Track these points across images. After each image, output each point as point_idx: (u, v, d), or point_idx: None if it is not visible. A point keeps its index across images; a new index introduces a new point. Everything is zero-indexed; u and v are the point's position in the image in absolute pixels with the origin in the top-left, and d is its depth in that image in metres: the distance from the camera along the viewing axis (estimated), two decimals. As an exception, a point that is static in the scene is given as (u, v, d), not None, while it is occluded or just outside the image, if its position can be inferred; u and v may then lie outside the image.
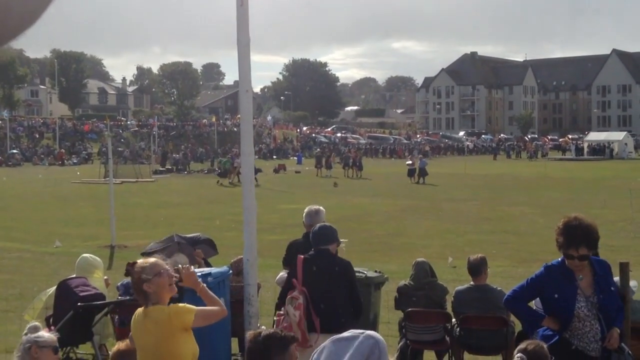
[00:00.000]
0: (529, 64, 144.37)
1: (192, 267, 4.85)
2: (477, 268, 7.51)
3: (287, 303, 6.26)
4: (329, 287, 6.22)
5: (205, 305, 4.71)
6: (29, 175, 49.60)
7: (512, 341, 7.16)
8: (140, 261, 4.56)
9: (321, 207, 7.55)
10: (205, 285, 4.90)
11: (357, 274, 8.13)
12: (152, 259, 4.59)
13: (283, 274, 8.75)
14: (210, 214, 25.12)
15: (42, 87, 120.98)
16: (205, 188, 38.06)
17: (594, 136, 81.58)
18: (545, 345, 4.08)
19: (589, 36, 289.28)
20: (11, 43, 1.03)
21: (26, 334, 4.69)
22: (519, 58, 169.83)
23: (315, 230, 6.49)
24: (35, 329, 4.68)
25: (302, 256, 6.40)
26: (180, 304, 4.60)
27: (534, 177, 43.08)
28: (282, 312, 6.34)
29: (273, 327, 6.23)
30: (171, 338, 4.46)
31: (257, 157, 49.30)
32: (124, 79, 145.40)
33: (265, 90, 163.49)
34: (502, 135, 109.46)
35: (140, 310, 4.57)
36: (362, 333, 2.51)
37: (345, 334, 2.55)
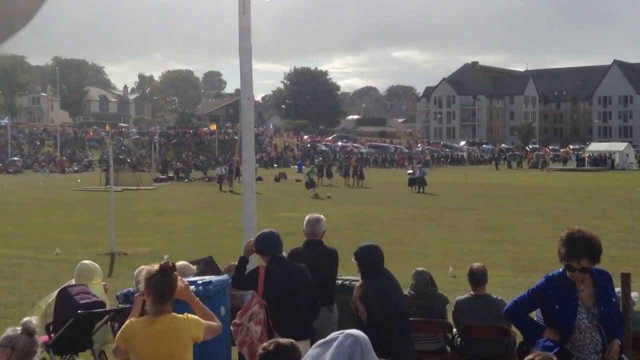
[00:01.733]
0: (530, 74, 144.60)
1: (183, 280, 4.80)
2: (481, 277, 7.47)
3: (247, 319, 6.21)
4: (290, 295, 6.22)
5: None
6: (30, 182, 49.62)
7: (513, 351, 7.14)
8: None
9: (322, 216, 7.53)
10: (199, 299, 4.85)
11: (357, 283, 8.11)
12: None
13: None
14: (208, 222, 25.12)
15: (44, 94, 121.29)
16: (205, 196, 38.06)
17: (595, 147, 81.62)
18: (554, 358, 4.04)
19: (590, 47, 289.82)
20: (4, 45, 1.01)
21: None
22: (521, 68, 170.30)
23: (263, 240, 6.41)
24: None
25: (263, 267, 6.35)
26: (194, 316, 4.56)
27: (534, 187, 43.06)
28: (238, 322, 6.25)
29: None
30: (186, 347, 4.43)
31: (257, 165, 49.38)
32: (125, 87, 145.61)
33: (267, 98, 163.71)
34: (502, 145, 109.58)
35: (145, 319, 4.45)
36: (341, 333, 2.51)
37: (328, 337, 2.55)
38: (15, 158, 70.65)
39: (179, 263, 8.26)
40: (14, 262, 17.16)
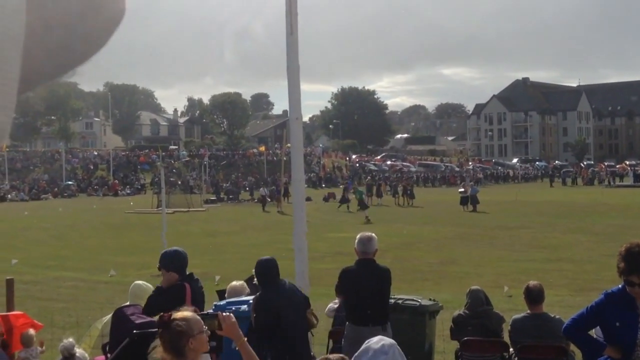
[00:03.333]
0: (582, 89, 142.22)
1: (233, 316, 4.60)
2: (538, 295, 7.29)
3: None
4: (202, 308, 6.52)
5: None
6: (84, 205, 50.63)
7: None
8: (179, 315, 4.21)
9: (373, 234, 7.49)
10: (246, 339, 4.67)
11: (410, 302, 8.02)
12: (189, 313, 4.28)
13: (332, 305, 8.68)
14: (259, 242, 25.21)
15: (97, 119, 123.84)
16: (254, 216, 38.29)
17: (652, 161, 79.74)
18: None
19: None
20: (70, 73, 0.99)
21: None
22: (573, 83, 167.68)
23: (176, 257, 7.07)
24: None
25: (187, 284, 6.75)
26: None
27: (589, 204, 42.17)
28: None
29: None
30: None
31: (306, 185, 49.47)
32: (175, 110, 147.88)
33: (314, 119, 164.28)
34: (556, 161, 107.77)
35: None
36: (380, 344, 2.52)
37: (361, 350, 2.56)
38: (70, 182, 72.26)
39: (235, 283, 8.24)
40: (70, 284, 17.48)
